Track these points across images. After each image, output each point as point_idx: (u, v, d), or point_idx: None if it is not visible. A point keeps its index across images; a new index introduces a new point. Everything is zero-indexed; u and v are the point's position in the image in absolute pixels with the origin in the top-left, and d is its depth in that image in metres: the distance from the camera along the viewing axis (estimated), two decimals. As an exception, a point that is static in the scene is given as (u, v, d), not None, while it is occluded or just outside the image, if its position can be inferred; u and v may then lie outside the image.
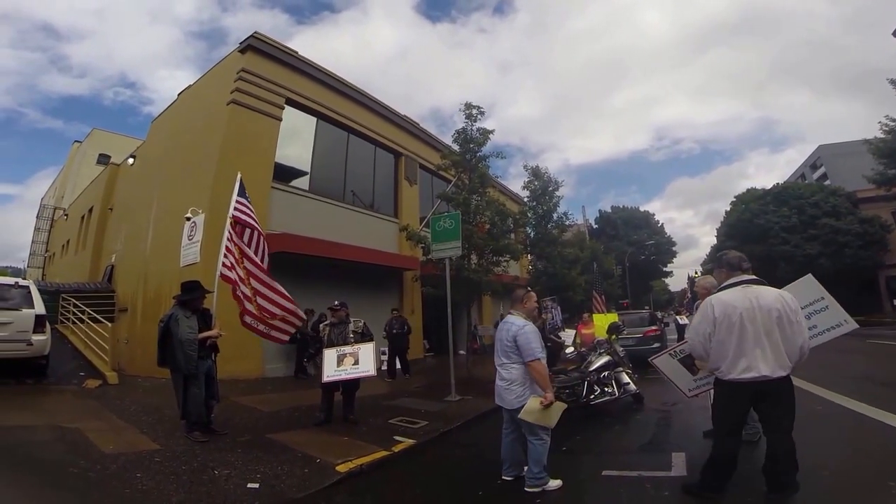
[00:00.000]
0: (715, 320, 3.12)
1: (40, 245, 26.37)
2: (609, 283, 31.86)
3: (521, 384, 3.72)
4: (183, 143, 11.96)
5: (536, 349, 3.64)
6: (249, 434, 5.30)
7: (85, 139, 29.71)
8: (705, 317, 3.20)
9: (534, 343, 3.65)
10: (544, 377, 3.64)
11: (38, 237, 26.63)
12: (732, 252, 3.49)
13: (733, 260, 3.36)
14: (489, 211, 10.78)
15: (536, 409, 3.55)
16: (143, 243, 12.09)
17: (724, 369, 3.10)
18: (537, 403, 3.55)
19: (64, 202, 26.12)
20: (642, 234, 45.50)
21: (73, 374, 8.58)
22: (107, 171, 18.01)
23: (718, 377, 3.20)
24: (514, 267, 13.65)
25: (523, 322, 3.79)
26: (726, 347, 3.07)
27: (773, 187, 31.37)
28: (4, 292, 7.49)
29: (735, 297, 3.13)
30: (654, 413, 6.23)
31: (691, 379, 3.97)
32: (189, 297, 5.22)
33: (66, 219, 23.20)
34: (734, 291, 3.18)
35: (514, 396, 3.73)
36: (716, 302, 3.19)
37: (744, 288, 3.17)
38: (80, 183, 24.11)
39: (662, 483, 3.72)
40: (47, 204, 29.57)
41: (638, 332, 11.11)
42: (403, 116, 15.06)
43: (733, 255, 3.40)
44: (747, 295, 3.12)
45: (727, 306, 3.11)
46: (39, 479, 3.50)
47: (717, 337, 3.11)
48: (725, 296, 3.19)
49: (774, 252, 26.66)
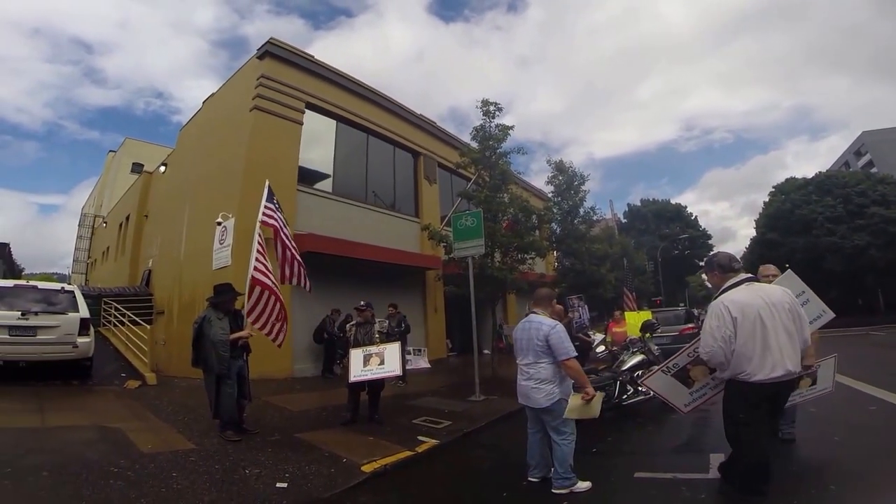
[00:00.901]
0: (734, 321, 3.03)
1: (83, 252, 27.79)
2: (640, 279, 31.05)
3: (551, 382, 3.71)
4: (210, 149, 12.35)
5: (570, 348, 3.67)
6: (279, 433, 5.45)
7: (119, 149, 31.00)
8: (722, 320, 3.09)
9: (566, 342, 3.69)
10: (580, 373, 3.68)
11: (81, 244, 28.08)
12: (722, 253, 3.55)
13: (724, 261, 3.37)
14: (512, 208, 10.70)
15: (579, 406, 3.57)
16: (178, 248, 12.55)
17: (749, 371, 3.00)
18: (579, 400, 3.57)
19: (103, 210, 27.37)
20: (675, 227, 44.06)
21: (115, 374, 8.99)
22: (140, 180, 18.78)
23: (741, 380, 3.07)
24: (539, 264, 13.52)
25: (554, 322, 3.80)
26: (749, 348, 2.99)
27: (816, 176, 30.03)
28: (52, 297, 7.86)
29: (748, 296, 3.08)
30: (691, 413, 5.97)
31: (687, 393, 3.81)
32: (220, 299, 5.38)
33: (106, 226, 24.29)
34: (742, 290, 3.12)
35: (544, 395, 3.71)
36: (728, 303, 3.10)
37: (749, 286, 3.13)
38: (116, 191, 25.24)
39: (699, 485, 3.59)
40: (88, 212, 31.07)
41: (673, 331, 10.80)
42: (420, 116, 15.13)
43: (723, 256, 3.43)
44: (757, 293, 3.09)
45: (744, 306, 3.04)
46: (84, 477, 3.68)
47: (739, 339, 3.01)
48: (736, 295, 3.12)
49: (820, 244, 25.55)
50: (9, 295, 7.53)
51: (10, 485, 3.40)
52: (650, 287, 33.31)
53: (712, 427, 5.28)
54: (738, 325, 3.03)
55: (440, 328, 14.30)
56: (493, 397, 7.55)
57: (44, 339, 7.31)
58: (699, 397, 3.80)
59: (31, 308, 7.35)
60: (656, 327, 8.30)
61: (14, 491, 3.31)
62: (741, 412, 3.13)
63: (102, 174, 33.83)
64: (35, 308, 7.40)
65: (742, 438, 3.16)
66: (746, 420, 3.11)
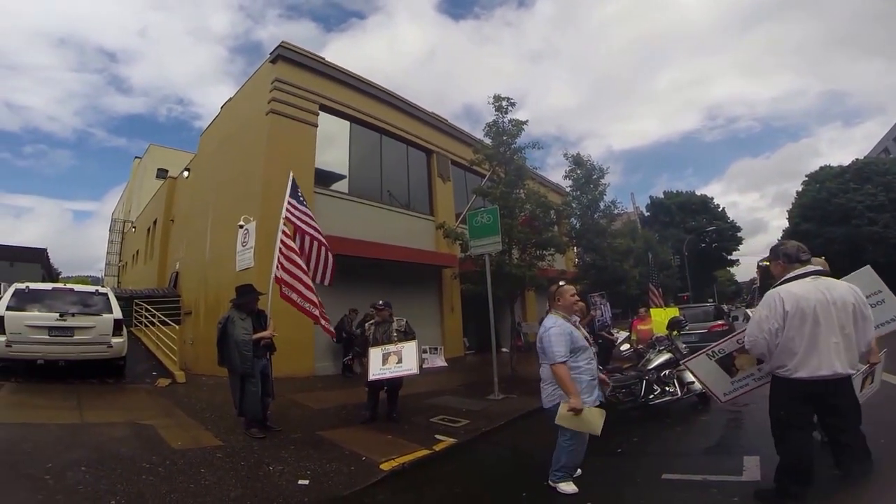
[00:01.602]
0: (785, 315, 2.91)
1: (114, 255, 28.85)
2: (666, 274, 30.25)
3: (550, 384, 3.67)
4: (230, 153, 12.64)
5: (557, 353, 3.51)
6: (301, 431, 5.59)
7: (144, 155, 31.88)
8: (773, 311, 2.98)
9: (556, 346, 3.53)
10: (565, 382, 3.46)
11: (112, 248, 29.16)
12: (790, 242, 3.29)
13: (791, 250, 3.16)
14: (529, 203, 10.62)
15: (569, 416, 3.43)
16: (203, 251, 12.92)
17: (791, 367, 2.92)
18: (565, 409, 3.44)
19: (131, 215, 28.33)
20: (701, 219, 42.40)
21: (147, 373, 9.36)
22: (165, 185, 19.40)
23: (782, 375, 2.99)
24: (559, 261, 13.42)
25: (552, 322, 3.71)
26: (796, 344, 2.89)
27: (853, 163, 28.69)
28: (87, 299, 8.19)
29: (806, 290, 2.94)
30: (723, 414, 5.78)
31: (728, 382, 3.68)
32: (243, 299, 5.56)
33: (135, 231, 25.15)
34: (803, 283, 2.98)
35: (545, 396, 3.73)
36: (785, 295, 2.97)
37: (814, 280, 2.98)
38: (143, 197, 26.00)
39: (732, 488, 3.44)
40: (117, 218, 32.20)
41: (702, 328, 10.50)
42: (432, 114, 15.18)
43: (791, 246, 3.20)
44: (819, 287, 2.94)
45: (799, 299, 2.91)
46: (119, 473, 3.88)
47: (787, 333, 2.91)
48: (795, 288, 2.98)
49: (860, 234, 24.49)
50: (48, 297, 7.91)
51: (50, 480, 3.60)
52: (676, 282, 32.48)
53: (745, 429, 5.18)
54: (788, 318, 2.92)
55: (457, 327, 14.35)
56: (511, 396, 7.55)
57: (80, 340, 7.64)
58: (740, 388, 3.67)
59: (68, 310, 7.68)
60: (684, 325, 8.03)
61: (55, 486, 3.51)
62: (782, 409, 3.06)
63: (129, 180, 34.93)
64: (72, 310, 7.73)
65: (781, 437, 3.08)
66: (787, 418, 3.03)
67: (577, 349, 3.64)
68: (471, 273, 10.46)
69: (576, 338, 3.67)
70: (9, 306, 7.42)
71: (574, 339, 3.65)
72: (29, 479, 3.59)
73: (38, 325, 7.38)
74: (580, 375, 3.60)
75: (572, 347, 3.61)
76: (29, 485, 3.48)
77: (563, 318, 3.75)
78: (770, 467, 3.56)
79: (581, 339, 3.72)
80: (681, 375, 6.31)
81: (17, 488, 3.39)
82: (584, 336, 3.81)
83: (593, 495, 3.52)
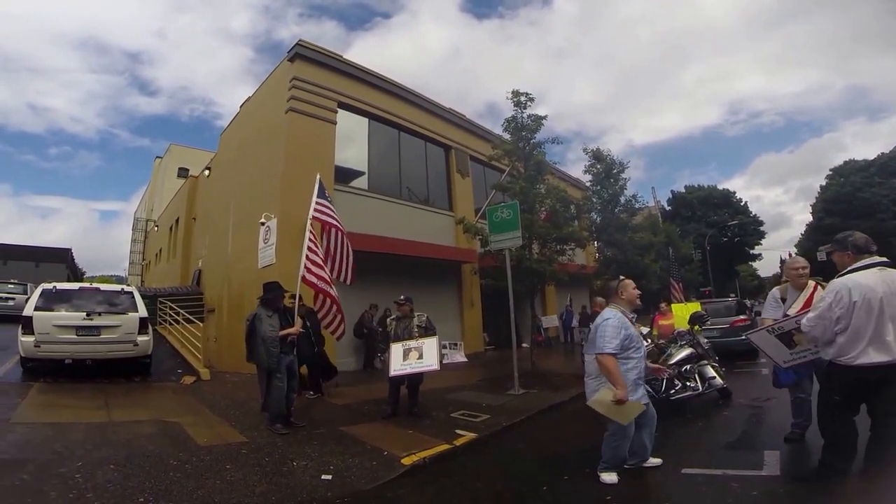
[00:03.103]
0: (853, 305, 2.95)
1: (137, 254, 29.50)
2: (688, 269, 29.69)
3: (595, 378, 3.69)
4: (250, 152, 12.75)
5: (606, 344, 3.52)
6: (324, 427, 5.63)
7: (165, 154, 32.40)
8: (840, 302, 3.02)
9: (609, 337, 3.54)
10: (612, 372, 3.48)
11: (135, 247, 29.81)
12: (859, 233, 3.30)
13: (860, 241, 3.19)
14: (549, 198, 10.51)
15: (606, 401, 3.47)
16: (225, 248, 13.09)
17: (854, 355, 2.97)
18: (609, 396, 3.47)
19: (154, 214, 28.86)
20: (723, 214, 41.77)
21: (172, 371, 9.53)
22: (187, 184, 19.70)
23: (843, 363, 3.04)
24: (580, 255, 13.26)
25: (611, 314, 3.71)
26: (862, 334, 2.95)
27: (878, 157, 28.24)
28: (113, 298, 8.31)
29: (873, 281, 2.97)
30: (744, 409, 5.80)
31: (787, 352, 3.93)
32: (269, 296, 5.61)
33: (157, 230, 25.65)
34: (870, 274, 3.01)
35: (591, 391, 3.73)
36: (852, 285, 3.01)
37: (880, 270, 3.01)
38: (165, 196, 26.42)
39: (752, 483, 3.47)
40: (140, 217, 32.87)
41: (724, 323, 10.33)
42: (450, 110, 15.08)
43: (860, 237, 3.23)
44: (884, 278, 2.97)
45: (867, 290, 2.95)
46: (147, 470, 3.95)
47: (855, 323, 2.96)
48: (862, 279, 3.01)
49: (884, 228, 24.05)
50: (74, 297, 8.04)
51: (80, 478, 3.67)
52: (698, 277, 31.78)
53: (766, 424, 5.16)
54: (855, 308, 2.98)
55: (477, 322, 14.29)
56: (532, 391, 7.52)
57: (107, 339, 7.75)
58: (799, 357, 3.91)
59: (95, 309, 7.80)
60: (705, 319, 7.88)
61: (84, 483, 3.58)
62: (837, 394, 3.17)
63: (151, 179, 35.55)
64: (98, 309, 7.85)
65: (831, 419, 3.25)
66: (840, 401, 3.17)
67: (629, 346, 3.63)
68: (490, 268, 10.41)
69: (632, 335, 3.68)
70: (37, 306, 7.53)
71: (630, 335, 3.65)
72: (60, 478, 3.66)
73: (66, 324, 7.50)
74: (627, 373, 3.57)
75: (625, 344, 3.59)
76: (60, 484, 3.54)
77: (621, 312, 3.73)
78: (790, 462, 3.76)
79: (637, 337, 3.74)
80: (702, 370, 6.31)
81: (49, 488, 3.45)
82: (640, 334, 3.84)
83: (614, 489, 3.53)
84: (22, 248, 39.80)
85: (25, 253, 38.91)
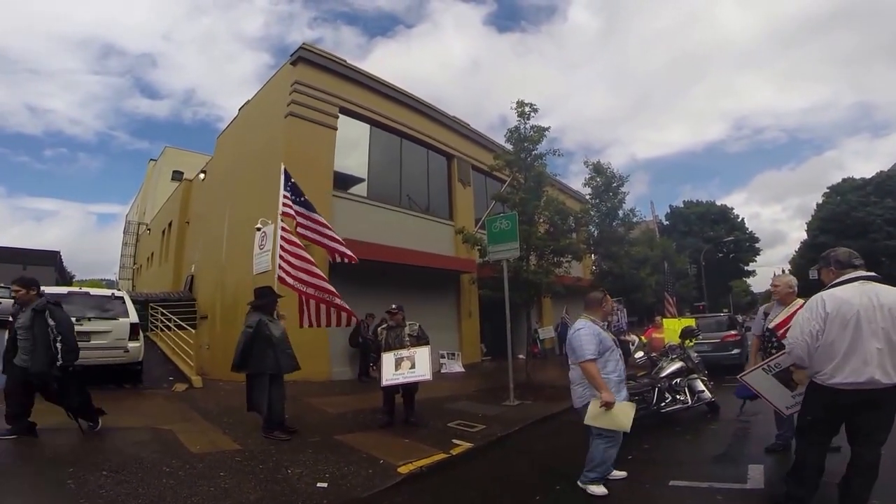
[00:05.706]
0: (826, 317, 2.82)
1: (128, 258, 29.09)
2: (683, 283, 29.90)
3: (580, 384, 3.83)
4: (247, 156, 12.66)
5: (587, 350, 3.68)
6: (319, 435, 5.57)
7: (159, 157, 32.01)
8: (814, 313, 2.89)
9: (586, 345, 3.69)
10: (595, 378, 3.62)
11: (126, 251, 29.40)
12: (842, 248, 3.23)
13: (843, 256, 3.09)
14: (548, 210, 10.55)
15: (599, 413, 3.55)
16: (219, 254, 12.99)
17: (828, 372, 2.82)
18: (597, 407, 3.56)
19: (146, 217, 28.52)
20: (720, 229, 42.09)
21: (164, 378, 9.40)
22: (181, 187, 19.53)
23: (818, 381, 2.90)
24: (576, 267, 13.33)
25: (582, 325, 3.87)
26: (836, 349, 2.79)
27: (875, 176, 28.49)
28: (104, 303, 8.16)
29: (851, 294, 2.85)
30: (731, 423, 5.90)
31: (789, 395, 3.58)
32: (264, 301, 5.57)
33: (149, 233, 25.39)
34: (850, 287, 2.90)
35: (576, 396, 3.89)
36: (827, 297, 2.89)
37: (862, 284, 2.90)
38: (158, 199, 26.15)
39: (736, 495, 3.59)
40: (132, 220, 32.47)
41: (715, 337, 10.41)
42: (453, 118, 15.10)
43: (842, 252, 3.14)
44: (865, 292, 2.83)
45: (842, 303, 2.82)
46: (140, 477, 3.87)
47: (827, 337, 2.81)
48: (839, 291, 2.90)
49: (877, 248, 24.24)
50: (64, 302, 7.86)
51: (73, 484, 3.60)
52: (692, 292, 32.05)
53: (752, 438, 5.27)
54: (828, 321, 2.83)
55: (474, 332, 14.24)
56: (527, 402, 7.52)
57: (97, 344, 7.52)
58: (800, 401, 3.56)
59: (84, 314, 7.58)
60: (696, 334, 8.07)
61: (77, 490, 3.51)
62: (809, 415, 3.08)
63: (144, 182, 35.13)
64: (88, 314, 7.66)
65: (801, 438, 3.15)
66: (812, 423, 3.06)
67: (605, 350, 3.79)
68: (489, 279, 10.41)
69: (604, 339, 3.83)
70: None
71: (602, 340, 3.82)
72: (52, 484, 3.60)
73: (54, 329, 7.38)
74: (609, 376, 3.74)
75: (601, 348, 3.75)
76: (52, 490, 3.49)
77: (592, 322, 3.92)
78: (773, 476, 3.78)
79: (609, 340, 3.90)
80: (692, 384, 6.44)
81: (41, 494, 3.40)
82: (612, 339, 3.97)
83: (604, 501, 3.60)
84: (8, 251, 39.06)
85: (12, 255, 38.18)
